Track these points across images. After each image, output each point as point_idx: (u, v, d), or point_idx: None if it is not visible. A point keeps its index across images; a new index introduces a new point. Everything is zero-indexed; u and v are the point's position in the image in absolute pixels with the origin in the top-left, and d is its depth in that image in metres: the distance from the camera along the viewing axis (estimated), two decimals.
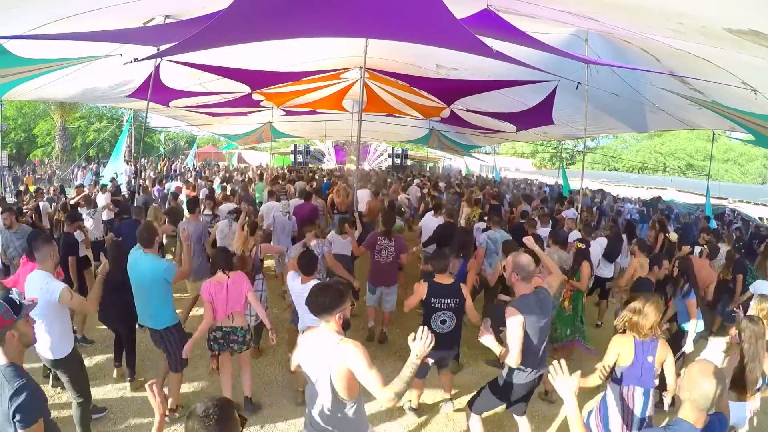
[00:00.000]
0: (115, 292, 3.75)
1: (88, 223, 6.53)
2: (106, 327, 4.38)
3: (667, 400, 3.09)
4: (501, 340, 2.92)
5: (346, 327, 2.24)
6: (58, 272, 3.62)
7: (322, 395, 2.16)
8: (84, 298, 3.21)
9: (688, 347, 4.20)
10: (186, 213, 5.91)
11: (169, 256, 7.36)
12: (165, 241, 7.10)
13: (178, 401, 3.75)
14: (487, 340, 2.79)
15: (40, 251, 3.02)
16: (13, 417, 1.85)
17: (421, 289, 3.54)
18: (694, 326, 4.17)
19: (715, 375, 1.83)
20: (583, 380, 2.83)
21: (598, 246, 6.02)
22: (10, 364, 1.93)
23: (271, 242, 6.28)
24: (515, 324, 2.74)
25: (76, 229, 5.34)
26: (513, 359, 2.74)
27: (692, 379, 1.85)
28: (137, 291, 3.69)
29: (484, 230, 6.12)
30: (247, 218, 5.11)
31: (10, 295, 1.98)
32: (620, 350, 2.74)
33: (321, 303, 2.17)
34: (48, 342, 2.99)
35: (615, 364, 2.76)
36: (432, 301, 3.49)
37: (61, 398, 3.85)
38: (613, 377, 2.78)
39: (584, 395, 4.35)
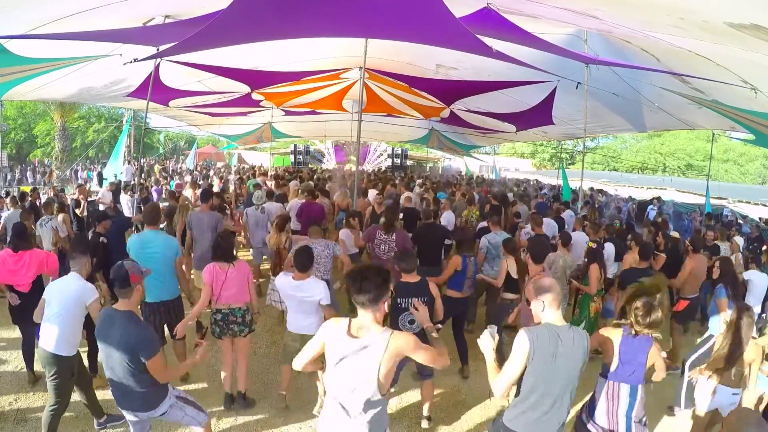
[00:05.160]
0: None
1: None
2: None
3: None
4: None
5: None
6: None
7: (363, 394, 2.01)
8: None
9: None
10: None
11: None
12: None
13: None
14: (485, 345, 2.38)
15: (77, 261, 3.24)
16: (138, 352, 2.41)
17: None
18: (717, 325, 4.02)
19: (757, 424, 1.87)
20: None
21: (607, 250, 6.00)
22: (129, 311, 2.52)
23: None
24: (518, 354, 2.27)
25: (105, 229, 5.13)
26: (497, 389, 2.31)
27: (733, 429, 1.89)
28: (152, 264, 3.78)
29: (481, 231, 5.90)
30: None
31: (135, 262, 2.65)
32: (601, 342, 2.65)
33: (370, 290, 1.97)
34: (55, 335, 3.07)
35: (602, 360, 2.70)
36: (399, 301, 3.31)
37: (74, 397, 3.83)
38: (602, 372, 2.71)
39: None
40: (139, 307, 4.11)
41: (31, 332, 3.91)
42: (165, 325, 4.03)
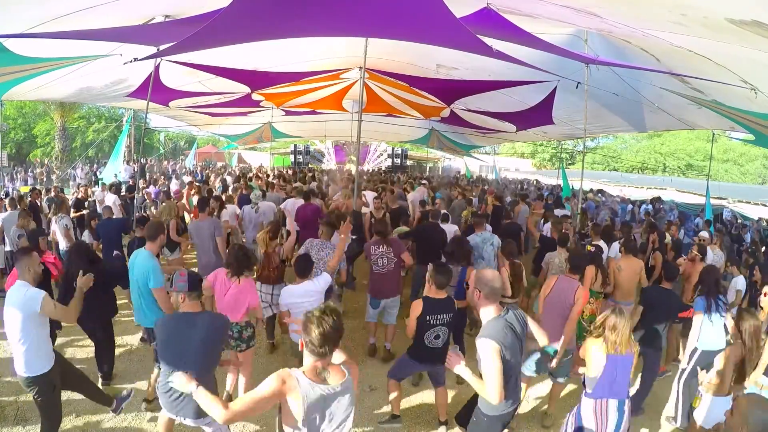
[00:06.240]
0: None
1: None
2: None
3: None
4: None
5: None
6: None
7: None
8: (65, 307, 2.98)
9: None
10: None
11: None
12: None
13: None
14: (459, 369, 2.44)
15: (19, 264, 2.90)
16: (224, 335, 2.76)
17: (417, 308, 3.37)
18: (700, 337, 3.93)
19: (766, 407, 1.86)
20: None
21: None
22: (205, 310, 2.78)
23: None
24: (490, 356, 2.32)
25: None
26: (494, 397, 2.32)
27: (743, 413, 1.85)
28: (132, 287, 3.78)
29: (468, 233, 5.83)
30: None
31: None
32: (588, 355, 2.67)
33: (333, 335, 1.92)
34: (22, 357, 2.83)
35: (585, 375, 2.70)
36: (428, 318, 3.35)
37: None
38: (586, 391, 2.71)
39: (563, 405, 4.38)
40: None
41: None
42: None
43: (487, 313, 2.47)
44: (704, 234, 6.69)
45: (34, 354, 2.85)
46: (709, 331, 3.86)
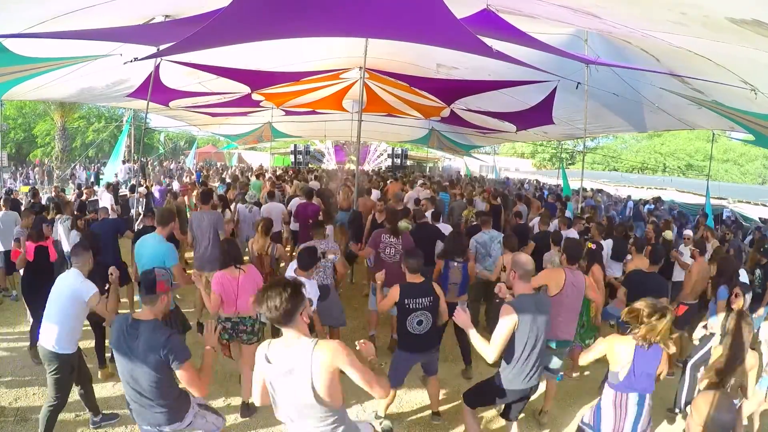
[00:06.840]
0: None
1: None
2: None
3: None
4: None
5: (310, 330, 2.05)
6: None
7: (308, 412, 1.92)
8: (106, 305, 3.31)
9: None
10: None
11: None
12: None
13: None
14: (463, 320, 2.79)
15: (78, 257, 3.25)
16: (168, 359, 2.28)
17: (395, 291, 3.39)
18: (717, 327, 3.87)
19: (725, 407, 1.92)
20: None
21: (605, 248, 6.00)
22: (153, 319, 2.39)
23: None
24: (506, 323, 2.74)
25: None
26: (490, 355, 2.77)
27: (701, 411, 1.87)
28: (141, 271, 3.79)
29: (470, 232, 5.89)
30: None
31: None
32: (611, 351, 2.63)
33: (281, 306, 1.82)
34: (55, 334, 3.08)
35: (609, 368, 2.68)
36: (406, 302, 3.34)
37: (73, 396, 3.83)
38: (609, 381, 2.70)
39: (583, 397, 4.35)
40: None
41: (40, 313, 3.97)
42: None
43: (520, 289, 2.90)
44: (688, 232, 6.66)
45: (66, 334, 3.10)
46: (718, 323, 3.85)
